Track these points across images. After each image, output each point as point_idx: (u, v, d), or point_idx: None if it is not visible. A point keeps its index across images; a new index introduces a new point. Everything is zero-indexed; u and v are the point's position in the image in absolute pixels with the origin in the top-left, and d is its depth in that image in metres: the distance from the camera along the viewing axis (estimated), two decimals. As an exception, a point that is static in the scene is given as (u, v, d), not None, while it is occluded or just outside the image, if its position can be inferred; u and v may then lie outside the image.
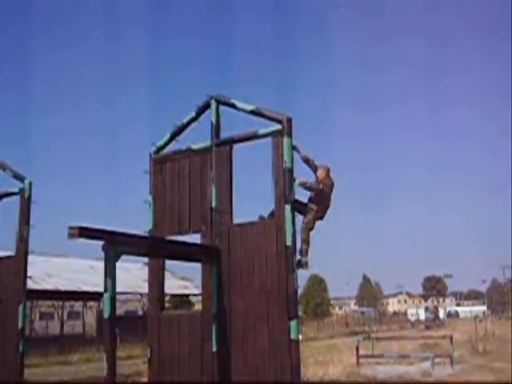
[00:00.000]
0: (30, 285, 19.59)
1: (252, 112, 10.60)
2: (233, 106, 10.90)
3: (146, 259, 11.97)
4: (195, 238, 11.01)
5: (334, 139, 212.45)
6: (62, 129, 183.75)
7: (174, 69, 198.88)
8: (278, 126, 10.25)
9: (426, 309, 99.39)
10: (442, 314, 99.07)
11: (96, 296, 39.83)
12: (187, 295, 51.78)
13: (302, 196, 10.85)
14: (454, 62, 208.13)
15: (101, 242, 8.31)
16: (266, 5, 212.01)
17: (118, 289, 8.67)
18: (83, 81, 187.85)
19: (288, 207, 9.88)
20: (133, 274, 42.80)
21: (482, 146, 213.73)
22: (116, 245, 8.43)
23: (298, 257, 10.24)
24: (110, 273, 8.31)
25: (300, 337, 10.09)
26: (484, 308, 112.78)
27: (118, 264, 8.57)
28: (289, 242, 9.75)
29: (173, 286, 44.05)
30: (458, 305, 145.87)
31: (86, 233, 7.99)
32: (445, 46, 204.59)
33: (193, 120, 11.48)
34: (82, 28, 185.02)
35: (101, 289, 8.64)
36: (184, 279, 50.00)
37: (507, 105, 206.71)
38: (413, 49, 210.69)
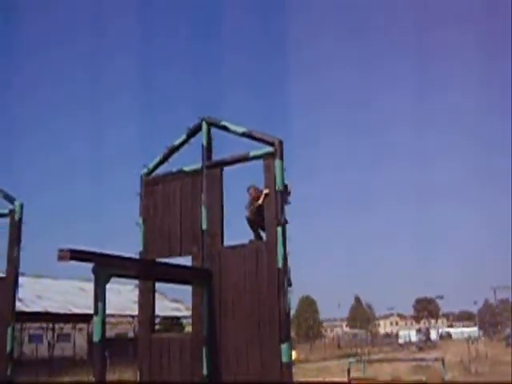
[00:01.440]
0: (20, 307, 19.45)
1: (243, 134, 10.62)
2: (224, 128, 10.92)
3: (136, 281, 11.90)
4: (186, 260, 10.96)
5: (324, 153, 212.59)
6: (51, 145, 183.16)
7: (165, 89, 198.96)
8: (270, 149, 10.25)
9: (418, 330, 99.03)
10: (434, 336, 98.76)
11: (86, 318, 39.59)
12: (178, 317, 51.49)
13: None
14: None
15: (91, 264, 8.27)
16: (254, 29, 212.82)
17: (109, 311, 8.63)
18: (73, 101, 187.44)
19: (280, 229, 9.85)
20: (123, 295, 42.57)
21: (473, 169, 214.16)
22: (106, 267, 8.38)
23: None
24: (100, 296, 8.25)
25: (294, 354, 10.01)
26: (476, 329, 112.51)
27: (108, 285, 8.51)
28: (280, 264, 9.71)
29: (164, 307, 43.81)
30: (450, 326, 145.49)
31: (76, 255, 7.95)
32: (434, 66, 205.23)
33: (184, 142, 11.47)
34: (70, 50, 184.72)
35: (91, 310, 8.57)
36: (175, 301, 49.70)
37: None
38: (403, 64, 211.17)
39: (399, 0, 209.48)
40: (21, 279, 14.85)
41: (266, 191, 10.27)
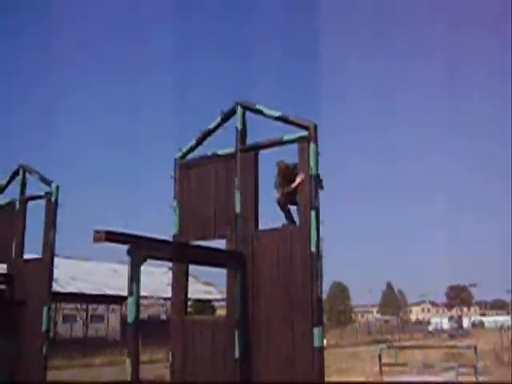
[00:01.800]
0: (55, 287, 19.79)
1: (278, 118, 10.59)
2: (259, 112, 10.90)
3: (169, 264, 11.99)
4: (220, 244, 11.02)
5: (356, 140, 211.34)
6: (88, 131, 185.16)
7: (199, 74, 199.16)
8: (304, 133, 10.23)
9: (451, 318, 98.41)
10: (466, 324, 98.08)
11: (119, 299, 40.12)
12: (210, 300, 51.85)
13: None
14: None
15: (125, 246, 8.34)
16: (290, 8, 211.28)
17: (142, 293, 8.69)
18: (109, 85, 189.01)
19: (313, 213, 9.84)
20: (156, 278, 42.94)
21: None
22: (141, 249, 8.45)
23: None
24: (134, 277, 8.32)
25: (324, 341, 10.02)
26: (509, 318, 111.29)
27: (141, 268, 8.58)
28: (313, 248, 9.71)
29: (196, 290, 44.12)
30: (483, 314, 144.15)
31: (111, 237, 8.02)
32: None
33: (218, 126, 11.49)
34: (108, 32, 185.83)
35: (124, 292, 8.65)
36: (207, 284, 50.04)
37: None
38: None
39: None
40: (56, 260, 15.09)
41: (301, 177, 10.25)
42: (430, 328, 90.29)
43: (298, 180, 10.30)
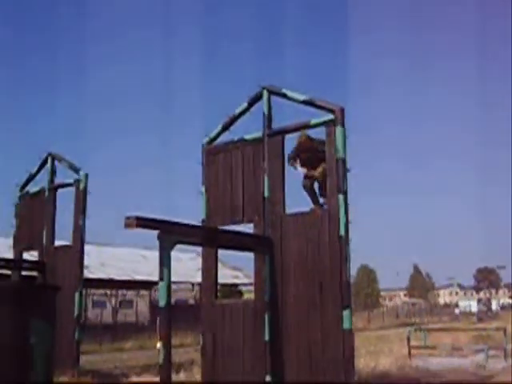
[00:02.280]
0: (85, 274, 20.07)
1: (304, 102, 10.60)
2: (284, 96, 10.92)
3: (197, 249, 12.11)
4: (248, 228, 11.08)
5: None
6: (116, 118, 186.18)
7: (226, 59, 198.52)
8: (331, 116, 10.22)
9: (479, 301, 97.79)
10: (494, 306, 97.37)
11: (148, 285, 40.48)
12: (237, 285, 52.08)
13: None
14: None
15: (155, 232, 8.44)
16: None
17: (172, 278, 8.78)
18: (137, 73, 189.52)
19: (341, 197, 9.85)
20: (184, 264, 43.22)
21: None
22: (171, 234, 8.55)
23: None
24: (165, 262, 8.42)
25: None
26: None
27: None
28: (342, 232, 9.74)
29: (224, 275, 44.28)
30: (511, 297, 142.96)
31: (142, 223, 8.12)
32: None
33: (245, 111, 11.54)
34: (135, 14, 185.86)
35: (153, 278, 8.76)
36: (235, 269, 50.22)
37: None
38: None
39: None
40: (86, 247, 15.31)
41: (323, 166, 10.36)
42: (456, 311, 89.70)
43: (319, 168, 10.49)
